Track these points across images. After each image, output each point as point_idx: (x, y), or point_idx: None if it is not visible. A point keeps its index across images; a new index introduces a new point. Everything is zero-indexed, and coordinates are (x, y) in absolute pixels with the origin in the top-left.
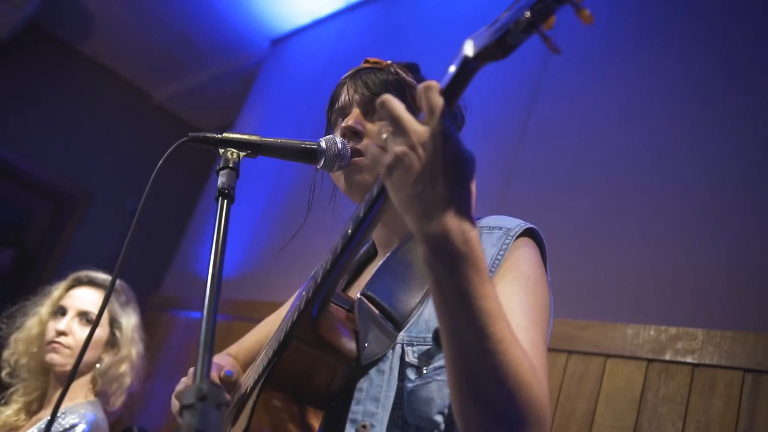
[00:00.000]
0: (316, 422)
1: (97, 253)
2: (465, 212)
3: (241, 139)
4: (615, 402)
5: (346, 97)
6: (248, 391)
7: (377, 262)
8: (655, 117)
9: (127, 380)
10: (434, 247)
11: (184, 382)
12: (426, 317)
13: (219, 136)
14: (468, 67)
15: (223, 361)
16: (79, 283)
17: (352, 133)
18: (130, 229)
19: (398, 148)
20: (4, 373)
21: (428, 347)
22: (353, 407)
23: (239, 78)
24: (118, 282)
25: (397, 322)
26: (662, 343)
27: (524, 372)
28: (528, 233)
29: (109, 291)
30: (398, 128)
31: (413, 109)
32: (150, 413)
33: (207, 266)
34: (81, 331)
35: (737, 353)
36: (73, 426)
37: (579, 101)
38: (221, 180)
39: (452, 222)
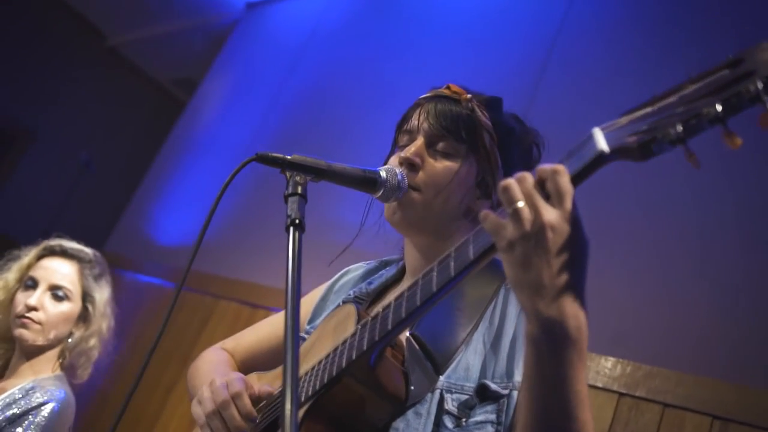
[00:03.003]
0: None
1: (37, 197)
2: (581, 298)
3: (308, 163)
4: None
5: (416, 122)
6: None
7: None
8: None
9: (95, 353)
10: (547, 329)
11: (208, 396)
12: (465, 364)
13: (288, 158)
14: (601, 160)
15: (219, 356)
16: (51, 252)
17: (410, 165)
18: (202, 227)
19: (527, 227)
20: None
21: (467, 397)
22: None
23: (207, 36)
24: (91, 252)
25: (437, 364)
26: (636, 379)
27: None
28: None
29: (169, 310)
30: (530, 207)
31: (480, 148)
32: (89, 378)
33: (162, 229)
34: (53, 306)
35: (709, 399)
36: (42, 404)
37: (565, 131)
38: (291, 208)
39: (570, 308)
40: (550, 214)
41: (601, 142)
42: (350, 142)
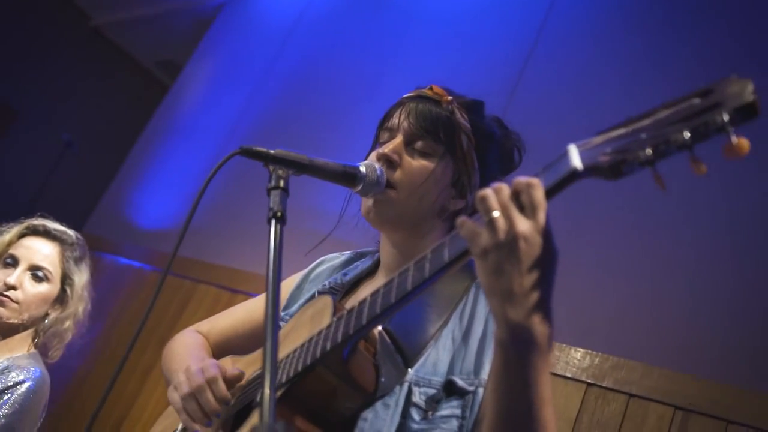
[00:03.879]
0: None
1: (17, 176)
2: (549, 305)
3: (291, 158)
4: None
5: (397, 121)
6: (259, 398)
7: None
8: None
9: (69, 335)
10: (515, 334)
11: (184, 380)
12: (433, 359)
13: (271, 152)
14: (574, 177)
15: (194, 339)
16: (33, 232)
17: (387, 161)
18: (188, 214)
19: (501, 236)
20: None
21: (434, 391)
22: None
23: (192, 18)
24: (74, 234)
25: (407, 358)
26: (604, 371)
27: None
28: None
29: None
30: (504, 217)
31: (457, 149)
32: (66, 357)
33: (142, 212)
34: (32, 287)
35: (672, 391)
36: (18, 383)
37: (547, 119)
38: (274, 201)
39: (537, 315)
40: (524, 225)
41: (576, 160)
42: (333, 130)
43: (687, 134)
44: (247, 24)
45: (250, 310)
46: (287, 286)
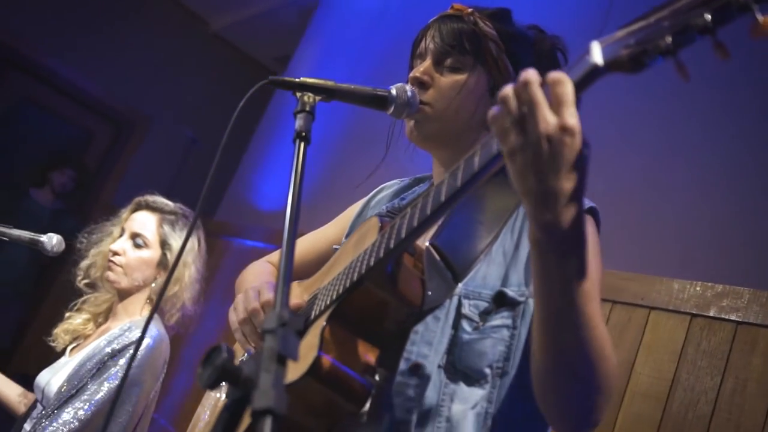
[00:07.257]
0: (372, 357)
1: (154, 175)
2: (580, 203)
3: (317, 83)
4: (655, 353)
5: (424, 45)
6: (312, 317)
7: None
8: (709, 71)
9: (179, 301)
10: (548, 233)
11: (241, 303)
12: (483, 273)
13: (297, 80)
14: (595, 74)
15: (263, 268)
16: (138, 206)
17: (419, 83)
18: (213, 165)
19: (530, 135)
20: (82, 282)
21: (486, 304)
22: (408, 347)
23: (296, 10)
24: (174, 205)
25: (456, 273)
26: (707, 300)
27: (608, 346)
28: (590, 212)
29: (189, 230)
30: (531, 115)
31: (487, 57)
32: (203, 334)
33: (263, 195)
34: (132, 252)
35: None
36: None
37: None
38: (298, 123)
39: (568, 212)
40: (545, 125)
41: (596, 56)
42: None
43: (708, 17)
44: (343, 9)
45: (316, 239)
46: (349, 215)
